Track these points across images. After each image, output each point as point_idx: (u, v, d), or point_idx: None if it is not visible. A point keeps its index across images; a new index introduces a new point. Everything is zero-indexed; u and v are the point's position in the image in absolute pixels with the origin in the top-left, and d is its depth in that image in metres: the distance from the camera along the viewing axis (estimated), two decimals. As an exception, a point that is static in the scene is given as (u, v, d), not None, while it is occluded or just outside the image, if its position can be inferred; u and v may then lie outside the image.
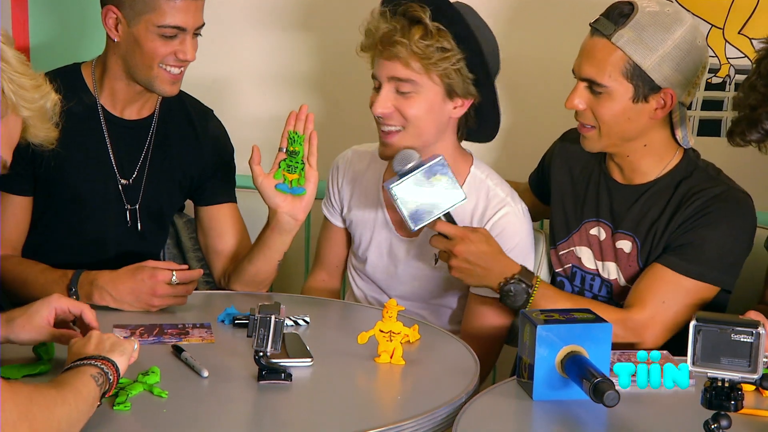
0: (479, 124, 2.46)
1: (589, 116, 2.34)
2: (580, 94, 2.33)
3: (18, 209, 2.51)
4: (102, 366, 1.77)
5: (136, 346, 1.89)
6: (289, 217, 2.41)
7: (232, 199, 2.68)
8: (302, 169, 2.40)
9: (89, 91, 2.52)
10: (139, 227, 2.57)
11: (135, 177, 2.55)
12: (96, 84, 2.52)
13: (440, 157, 2.29)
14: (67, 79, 2.35)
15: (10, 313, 2.01)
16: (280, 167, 2.39)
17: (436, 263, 2.51)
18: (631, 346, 2.25)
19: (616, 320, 2.17)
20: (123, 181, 2.53)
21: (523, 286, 2.30)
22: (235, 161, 2.71)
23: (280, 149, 2.39)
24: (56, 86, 2.40)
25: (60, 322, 2.02)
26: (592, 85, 2.31)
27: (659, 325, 2.28)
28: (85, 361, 1.78)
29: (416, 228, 2.31)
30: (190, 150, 2.61)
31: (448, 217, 2.32)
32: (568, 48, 2.39)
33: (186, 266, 2.38)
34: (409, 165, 2.29)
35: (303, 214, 2.42)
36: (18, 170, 2.38)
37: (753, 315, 2.03)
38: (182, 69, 2.45)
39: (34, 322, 1.98)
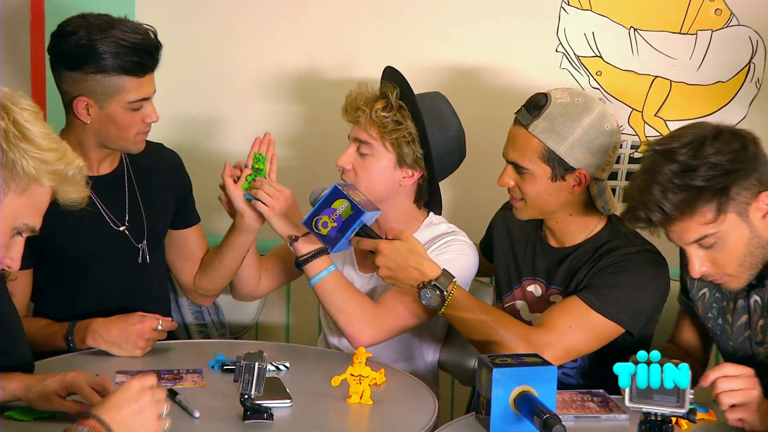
0: (430, 196, 2.66)
1: (517, 191, 2.53)
2: (508, 174, 2.53)
3: (24, 282, 2.61)
4: None
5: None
6: (252, 220, 2.65)
7: (198, 218, 2.90)
8: None
9: None
10: (147, 260, 2.72)
11: (129, 219, 2.69)
12: None
13: (335, 184, 2.48)
14: None
15: (28, 380, 2.07)
16: (247, 180, 2.65)
17: None
18: None
19: (520, 335, 2.37)
20: (121, 227, 2.68)
21: (438, 292, 2.42)
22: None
23: (246, 165, 2.65)
24: None
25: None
26: (517, 167, 2.50)
27: (560, 348, 2.39)
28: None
29: (333, 251, 2.50)
30: (164, 179, 2.79)
31: (371, 233, 2.48)
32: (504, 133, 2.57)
33: (169, 318, 2.55)
34: (317, 197, 2.51)
35: (262, 218, 2.65)
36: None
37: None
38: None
39: (49, 397, 2.03)
